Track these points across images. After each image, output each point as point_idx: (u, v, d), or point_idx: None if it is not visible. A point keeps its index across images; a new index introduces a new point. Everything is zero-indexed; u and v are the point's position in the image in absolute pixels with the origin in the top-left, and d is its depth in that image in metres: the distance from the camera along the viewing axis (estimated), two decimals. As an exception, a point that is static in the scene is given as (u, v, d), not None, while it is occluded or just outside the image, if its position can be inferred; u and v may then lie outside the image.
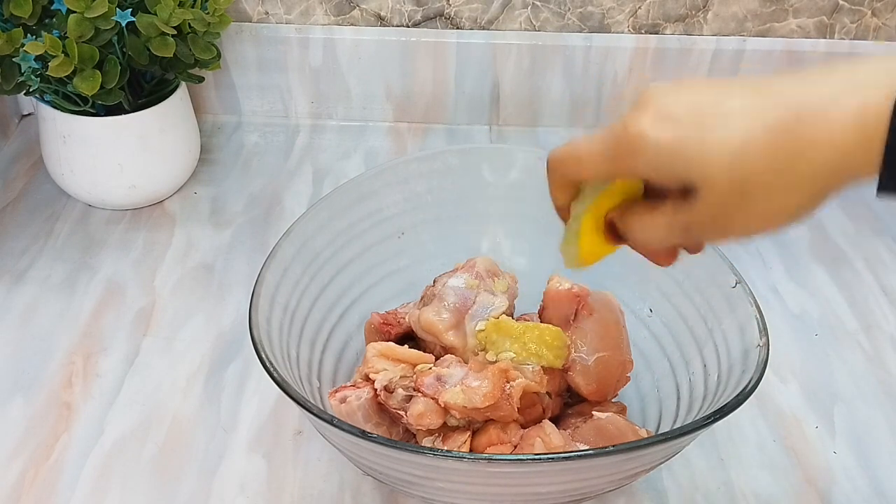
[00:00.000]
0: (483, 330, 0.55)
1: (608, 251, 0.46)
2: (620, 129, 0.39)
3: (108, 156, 0.75)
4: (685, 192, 0.39)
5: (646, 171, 0.39)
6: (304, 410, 0.45)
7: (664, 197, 0.41)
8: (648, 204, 0.42)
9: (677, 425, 0.53)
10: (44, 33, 0.65)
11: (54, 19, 0.69)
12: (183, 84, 0.79)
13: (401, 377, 0.53)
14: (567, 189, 0.44)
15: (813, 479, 0.58)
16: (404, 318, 0.60)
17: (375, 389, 0.53)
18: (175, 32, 0.71)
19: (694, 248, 0.45)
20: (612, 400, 0.57)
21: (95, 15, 0.66)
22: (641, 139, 0.38)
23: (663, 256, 0.45)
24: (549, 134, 0.92)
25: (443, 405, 0.51)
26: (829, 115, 0.34)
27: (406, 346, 0.58)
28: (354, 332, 0.62)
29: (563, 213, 0.46)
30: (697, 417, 0.48)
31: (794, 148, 0.35)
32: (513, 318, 0.57)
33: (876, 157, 0.34)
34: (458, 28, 0.88)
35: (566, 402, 0.58)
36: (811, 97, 0.35)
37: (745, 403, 0.46)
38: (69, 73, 0.67)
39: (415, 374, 0.53)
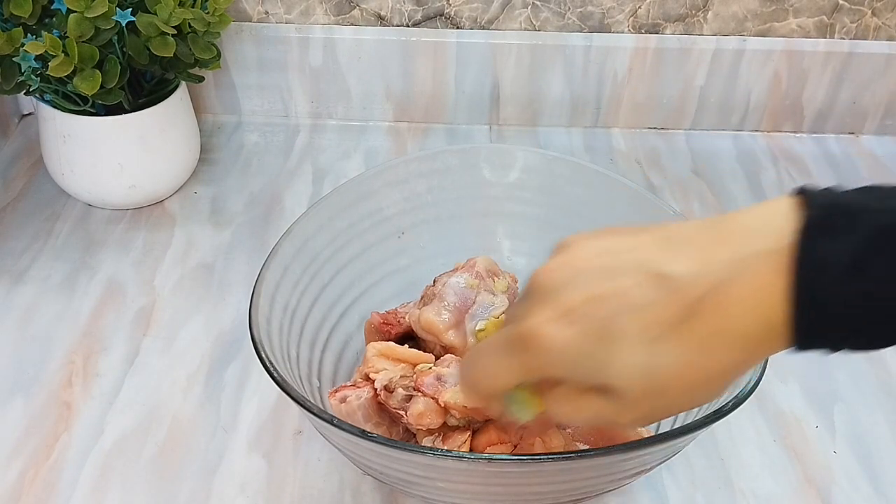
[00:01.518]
0: (483, 329, 0.55)
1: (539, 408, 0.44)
2: (517, 334, 0.37)
3: (108, 155, 0.75)
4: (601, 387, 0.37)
5: (559, 372, 0.37)
6: (304, 410, 0.45)
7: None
8: (574, 390, 0.39)
9: (677, 425, 0.53)
10: (44, 33, 0.65)
11: (54, 19, 0.69)
12: (183, 84, 0.79)
13: (401, 377, 0.53)
14: (491, 398, 0.42)
15: (813, 478, 0.58)
16: (404, 318, 0.60)
17: (375, 389, 0.53)
18: (175, 32, 0.71)
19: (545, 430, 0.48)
20: (612, 400, 0.57)
21: (95, 14, 0.66)
22: (543, 346, 0.36)
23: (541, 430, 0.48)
24: (549, 134, 0.92)
25: (443, 405, 0.51)
26: (727, 303, 0.34)
27: (406, 345, 0.58)
28: (354, 332, 0.62)
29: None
30: (697, 417, 0.48)
31: (702, 349, 0.34)
32: (513, 318, 0.56)
33: (784, 335, 0.34)
34: (458, 28, 0.88)
35: (566, 401, 0.57)
36: (709, 279, 0.34)
37: (745, 403, 0.46)
38: (69, 72, 0.67)
39: (415, 373, 0.53)
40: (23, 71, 0.68)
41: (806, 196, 0.34)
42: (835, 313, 0.32)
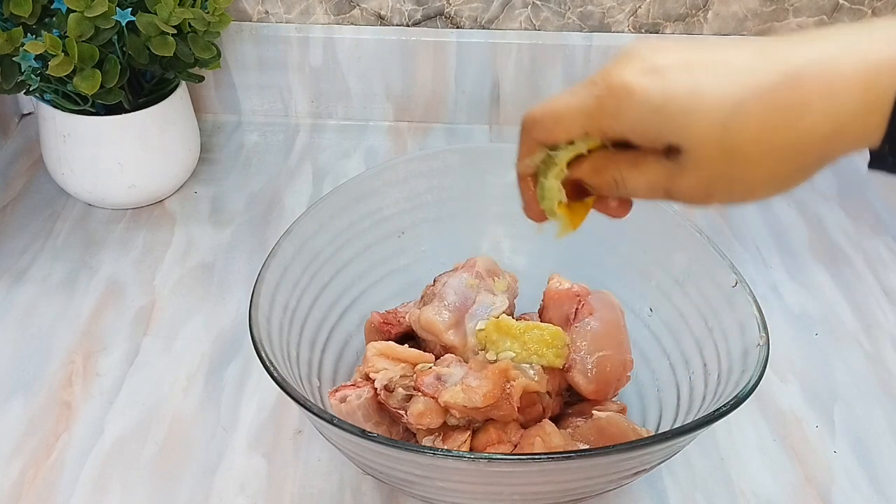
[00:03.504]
0: (483, 329, 0.55)
1: (587, 208, 0.44)
2: (602, 81, 0.36)
3: (108, 155, 0.75)
4: (667, 151, 0.36)
5: (629, 128, 0.36)
6: (304, 410, 0.45)
7: (634, 149, 0.38)
8: (629, 159, 0.38)
9: (677, 425, 0.53)
10: (44, 32, 0.65)
11: (54, 18, 0.69)
12: (183, 83, 0.79)
13: (401, 376, 0.53)
14: (537, 151, 0.41)
15: (813, 478, 0.58)
16: (404, 318, 0.60)
17: (375, 389, 0.53)
18: (175, 32, 0.71)
19: (624, 206, 0.43)
20: (612, 399, 0.57)
21: (95, 14, 0.66)
22: (626, 92, 0.35)
23: (619, 208, 0.43)
24: (549, 133, 0.92)
25: (443, 404, 0.51)
26: (831, 71, 0.32)
27: (406, 345, 0.58)
28: (354, 332, 0.62)
29: (527, 179, 0.43)
30: (697, 417, 0.48)
31: (790, 114, 0.33)
32: (513, 318, 0.56)
33: (878, 124, 0.32)
34: (458, 27, 0.88)
35: (566, 401, 0.58)
36: (813, 53, 0.33)
37: (745, 403, 0.46)
38: (69, 72, 0.67)
39: (415, 373, 0.53)
40: (23, 70, 0.68)
41: None
42: None
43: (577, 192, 0.43)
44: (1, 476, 0.56)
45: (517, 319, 0.57)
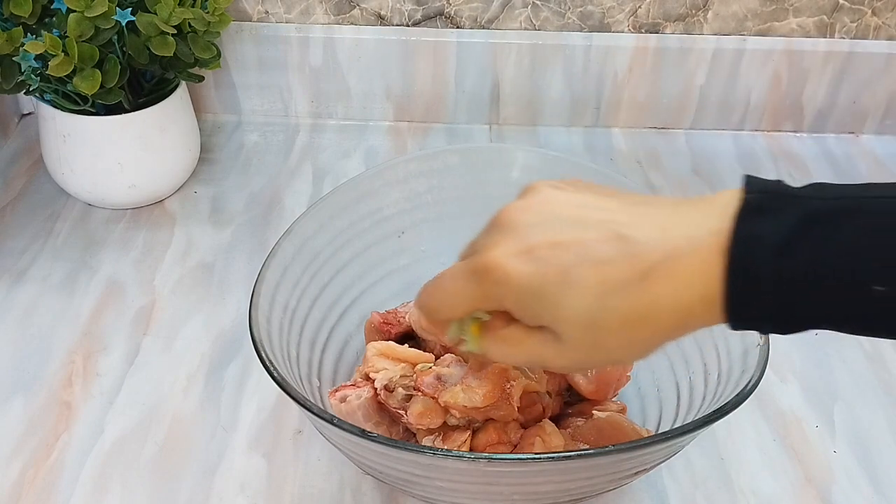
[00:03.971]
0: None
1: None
2: (482, 264, 0.39)
3: (108, 155, 0.75)
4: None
5: (511, 306, 0.39)
6: (304, 410, 0.45)
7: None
8: (522, 329, 0.41)
9: (677, 425, 0.53)
10: (44, 32, 0.65)
11: (54, 18, 0.69)
12: (183, 83, 0.79)
13: (401, 376, 0.53)
14: (445, 323, 0.44)
15: (813, 478, 0.58)
16: (404, 318, 0.60)
17: (375, 389, 0.53)
18: (175, 32, 0.71)
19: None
20: (612, 399, 0.57)
21: (95, 14, 0.66)
22: (505, 277, 0.38)
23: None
24: (549, 133, 0.92)
25: (443, 404, 0.51)
26: (676, 271, 0.36)
27: (406, 345, 0.58)
28: (354, 332, 0.62)
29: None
30: (697, 417, 0.48)
31: (644, 311, 0.37)
32: (513, 318, 0.56)
33: (719, 311, 0.36)
34: (458, 27, 0.88)
35: (566, 401, 0.58)
36: (663, 252, 0.36)
37: (745, 403, 0.46)
38: (69, 72, 0.67)
39: (415, 373, 0.53)
40: (23, 70, 0.68)
41: (749, 182, 0.37)
42: (765, 290, 0.35)
43: None
44: (1, 476, 0.56)
45: (517, 319, 0.57)
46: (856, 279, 0.34)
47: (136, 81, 0.76)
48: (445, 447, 0.51)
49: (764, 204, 0.36)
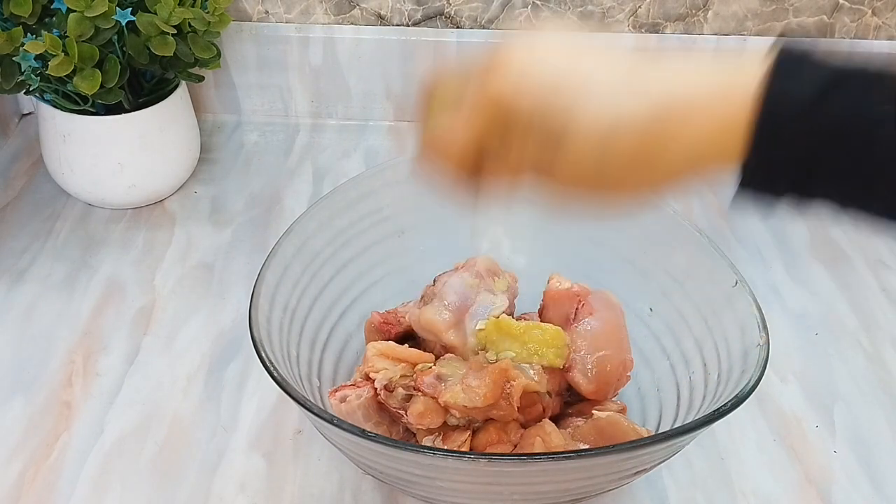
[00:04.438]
0: (483, 329, 0.55)
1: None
2: (495, 55, 0.39)
3: (108, 155, 0.75)
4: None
5: (525, 103, 0.38)
6: (304, 410, 0.45)
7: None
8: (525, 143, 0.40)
9: (677, 425, 0.53)
10: (44, 32, 0.65)
11: (54, 18, 0.69)
12: (183, 83, 0.79)
13: (401, 376, 0.53)
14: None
15: (813, 478, 0.58)
16: (404, 318, 0.60)
17: (375, 389, 0.53)
18: (175, 31, 0.71)
19: None
20: (612, 399, 0.57)
21: (95, 14, 0.66)
22: (524, 63, 0.38)
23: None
24: (549, 133, 0.92)
25: (443, 404, 0.51)
26: (691, 107, 0.36)
27: (406, 345, 0.58)
28: (354, 332, 0.62)
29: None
30: (697, 417, 0.48)
31: (656, 147, 0.36)
32: (513, 318, 0.56)
33: (735, 148, 0.35)
34: (458, 27, 0.88)
35: (566, 401, 0.58)
36: (677, 88, 0.36)
37: (745, 403, 0.46)
38: (69, 72, 0.67)
39: (415, 373, 0.53)
40: (23, 70, 0.68)
41: (779, 46, 0.37)
42: (788, 142, 0.35)
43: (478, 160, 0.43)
44: (1, 476, 0.56)
45: (517, 319, 0.57)
46: (872, 130, 0.34)
47: (136, 81, 0.76)
48: (445, 447, 0.51)
49: (797, 61, 0.36)
